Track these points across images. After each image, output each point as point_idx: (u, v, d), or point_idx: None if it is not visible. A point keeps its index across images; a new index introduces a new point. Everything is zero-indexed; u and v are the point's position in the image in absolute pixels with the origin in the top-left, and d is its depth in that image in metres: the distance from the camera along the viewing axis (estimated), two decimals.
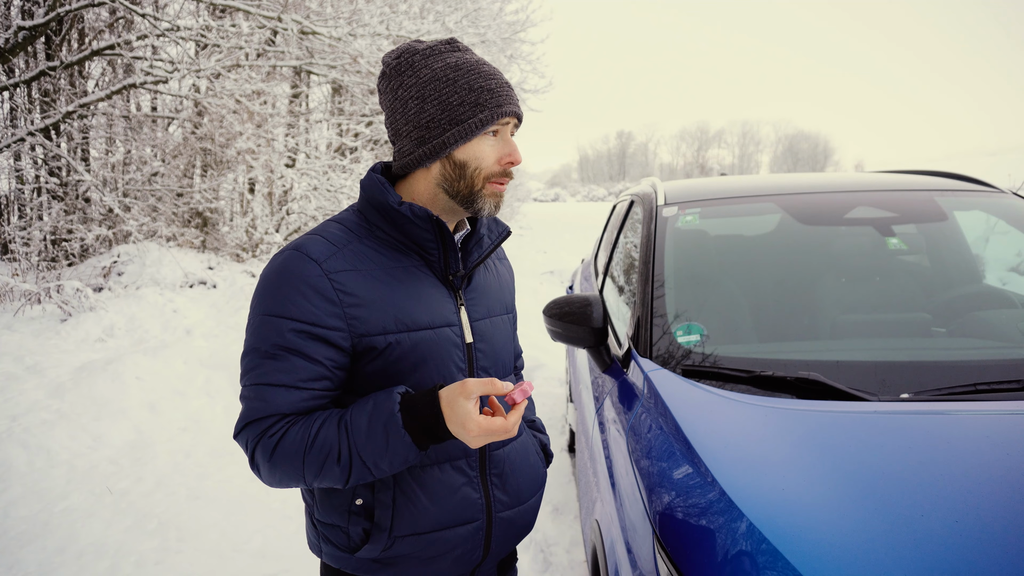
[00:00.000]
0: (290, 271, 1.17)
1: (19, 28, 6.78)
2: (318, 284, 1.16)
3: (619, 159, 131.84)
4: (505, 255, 1.58)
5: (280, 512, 3.46)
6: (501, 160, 1.26)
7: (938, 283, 2.47)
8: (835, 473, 1.35)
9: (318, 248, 1.20)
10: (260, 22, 7.42)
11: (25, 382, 4.74)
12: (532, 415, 1.63)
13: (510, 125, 1.28)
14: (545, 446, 1.58)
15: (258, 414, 1.16)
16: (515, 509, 1.39)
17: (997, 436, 1.43)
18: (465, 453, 1.30)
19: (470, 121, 1.21)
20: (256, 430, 1.16)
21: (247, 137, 8.43)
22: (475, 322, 1.33)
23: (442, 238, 1.25)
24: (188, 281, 7.83)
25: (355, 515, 1.26)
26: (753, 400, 1.66)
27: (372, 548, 1.25)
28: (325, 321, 1.16)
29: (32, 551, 3.06)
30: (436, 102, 1.22)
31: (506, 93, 1.25)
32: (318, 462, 1.13)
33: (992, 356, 1.90)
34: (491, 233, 1.39)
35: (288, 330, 1.15)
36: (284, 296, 1.16)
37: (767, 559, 1.18)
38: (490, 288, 1.41)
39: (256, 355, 1.18)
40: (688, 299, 2.25)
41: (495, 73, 1.26)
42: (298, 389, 1.16)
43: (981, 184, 2.69)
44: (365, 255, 1.23)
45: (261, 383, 1.16)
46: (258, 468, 1.19)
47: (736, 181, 3.02)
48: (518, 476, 1.40)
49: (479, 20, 11.11)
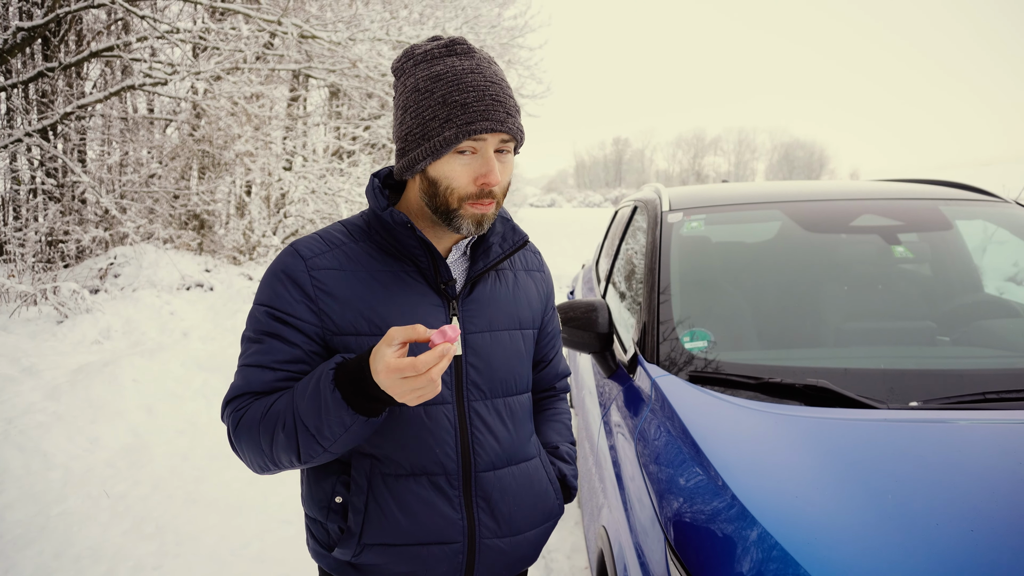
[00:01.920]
0: (280, 264, 1.24)
1: (18, 29, 6.76)
2: (299, 279, 1.21)
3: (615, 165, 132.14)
4: (539, 266, 1.48)
5: (279, 517, 3.43)
6: (476, 180, 1.17)
7: (942, 292, 2.48)
8: (848, 481, 1.34)
9: (310, 246, 1.25)
10: (260, 26, 7.42)
11: (21, 384, 4.71)
12: (560, 442, 1.49)
13: (489, 142, 1.17)
14: (564, 476, 1.45)
15: (237, 392, 1.21)
16: (507, 539, 1.30)
17: (1008, 445, 1.43)
18: (444, 470, 1.24)
19: (437, 139, 1.15)
20: (233, 408, 1.21)
21: (245, 140, 8.41)
22: (470, 334, 1.27)
23: (426, 247, 1.22)
24: (185, 283, 7.80)
25: (333, 512, 1.25)
26: (762, 407, 1.66)
27: (343, 551, 1.24)
28: (299, 312, 1.20)
29: (29, 555, 3.03)
30: (413, 114, 1.18)
31: (484, 108, 1.15)
32: (269, 431, 1.13)
33: (1000, 365, 1.91)
34: (504, 242, 1.32)
35: (269, 316, 1.21)
36: (271, 287, 1.23)
37: (782, 567, 1.17)
38: (498, 300, 1.33)
39: (245, 341, 1.25)
40: (694, 305, 2.25)
41: (479, 85, 1.16)
42: (272, 369, 1.19)
43: (984, 193, 2.70)
44: (356, 257, 1.24)
45: (244, 364, 1.22)
46: (233, 447, 1.22)
47: (740, 188, 3.03)
48: (512, 503, 1.30)
49: (478, 26, 11.14)
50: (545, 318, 1.47)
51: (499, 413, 1.30)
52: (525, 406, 1.38)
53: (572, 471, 1.48)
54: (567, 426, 1.54)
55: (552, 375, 1.54)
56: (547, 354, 1.51)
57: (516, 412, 1.34)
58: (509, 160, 1.24)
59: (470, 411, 1.26)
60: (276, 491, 3.70)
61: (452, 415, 1.25)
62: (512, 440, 1.32)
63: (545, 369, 1.52)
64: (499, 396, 1.31)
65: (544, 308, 1.46)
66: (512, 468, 1.32)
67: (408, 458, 1.23)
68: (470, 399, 1.27)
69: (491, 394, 1.29)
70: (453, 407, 1.25)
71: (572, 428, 1.58)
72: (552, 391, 1.56)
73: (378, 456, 1.23)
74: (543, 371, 1.51)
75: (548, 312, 1.49)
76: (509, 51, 12.96)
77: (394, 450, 1.22)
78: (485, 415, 1.28)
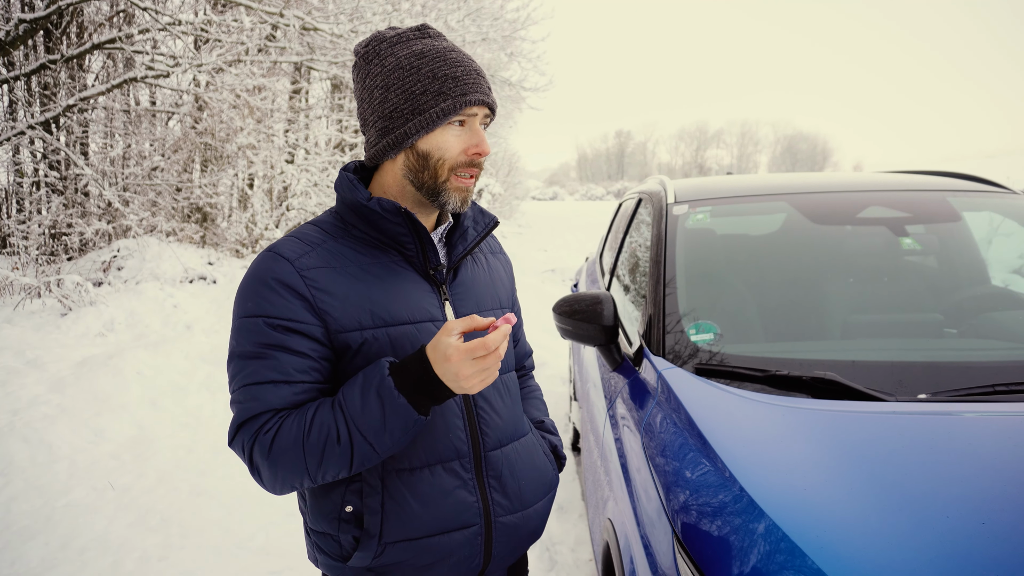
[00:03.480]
0: (264, 271, 1.17)
1: (20, 21, 6.74)
2: (290, 281, 1.16)
3: (618, 158, 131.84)
4: (501, 248, 1.54)
5: (283, 509, 3.44)
6: (468, 150, 1.22)
7: (949, 284, 2.46)
8: (856, 473, 1.34)
9: (290, 248, 1.20)
10: (262, 17, 7.40)
11: (26, 376, 4.72)
12: (542, 416, 1.57)
13: (478, 115, 1.22)
14: (555, 448, 1.52)
15: (250, 413, 1.14)
16: (518, 514, 1.33)
17: (1018, 437, 1.43)
18: (458, 454, 1.26)
19: (432, 111, 1.18)
20: (250, 430, 1.14)
21: (248, 132, 8.40)
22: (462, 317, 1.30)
23: (416, 231, 1.22)
24: (188, 276, 7.80)
25: (345, 522, 1.23)
26: (769, 399, 1.65)
27: (363, 556, 1.22)
28: (301, 316, 1.16)
29: (35, 546, 3.04)
30: (399, 91, 1.19)
31: (472, 81, 1.20)
32: (318, 448, 1.09)
33: (1009, 357, 1.90)
34: (476, 225, 1.35)
35: (268, 327, 1.15)
36: (260, 296, 1.16)
37: (790, 559, 1.17)
38: (479, 282, 1.37)
39: (241, 359, 1.17)
40: (700, 298, 2.24)
41: (463, 60, 1.21)
42: (288, 384, 1.14)
43: (993, 185, 2.69)
44: (341, 254, 1.22)
45: (250, 383, 1.15)
46: (258, 471, 1.15)
47: (745, 180, 3.01)
48: (520, 479, 1.34)
49: (480, 18, 11.10)
50: (513, 298, 1.54)
51: (498, 391, 1.34)
52: (515, 383, 1.44)
53: (559, 441, 1.56)
54: (543, 401, 1.62)
55: (523, 353, 1.61)
56: (517, 332, 1.58)
57: (511, 389, 1.39)
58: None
59: None
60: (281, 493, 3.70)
61: (459, 399, 1.27)
62: (512, 416, 1.37)
63: (516, 347, 1.58)
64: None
65: (511, 288, 1.53)
66: (515, 444, 1.37)
67: (423, 448, 1.23)
68: None
69: None
70: None
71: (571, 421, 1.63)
72: (523, 369, 1.62)
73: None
74: (515, 349, 1.57)
75: (514, 292, 1.56)
76: (512, 43, 12.92)
77: (409, 444, 1.22)
78: (487, 393, 1.31)
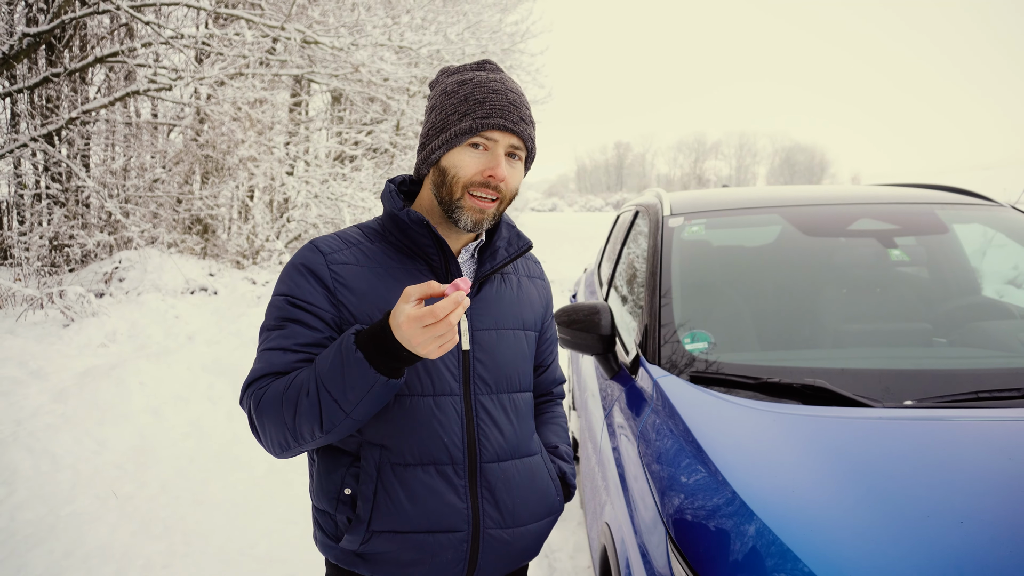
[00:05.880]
0: (300, 259, 1.32)
1: (23, 35, 6.82)
2: (319, 271, 1.29)
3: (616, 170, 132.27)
4: (542, 275, 1.57)
5: (285, 517, 3.48)
6: (483, 172, 1.27)
7: (938, 294, 2.52)
8: (844, 476, 1.39)
9: (328, 243, 1.33)
10: (263, 31, 7.48)
11: (29, 387, 4.75)
12: (559, 442, 1.56)
13: (500, 142, 1.27)
14: (564, 475, 1.52)
15: (257, 375, 1.26)
16: (510, 530, 1.35)
17: (999, 441, 1.48)
18: (452, 459, 1.30)
19: (453, 129, 1.27)
20: (253, 388, 1.25)
21: (248, 145, 8.47)
22: (477, 331, 1.35)
23: (438, 243, 1.30)
24: (189, 287, 7.85)
25: (342, 503, 1.30)
26: (761, 406, 1.70)
27: (352, 539, 1.29)
28: (318, 301, 1.28)
29: (39, 554, 3.07)
30: (438, 112, 1.31)
31: (499, 107, 1.25)
32: (292, 401, 1.18)
33: (993, 365, 1.95)
34: (509, 247, 1.41)
35: (289, 305, 1.28)
36: (291, 279, 1.30)
37: (780, 560, 1.22)
38: (504, 301, 1.41)
39: (265, 330, 1.30)
40: (695, 308, 2.29)
41: (500, 90, 1.27)
42: (294, 351, 1.25)
43: (981, 198, 2.75)
44: (372, 255, 1.33)
45: (265, 349, 1.28)
46: (255, 427, 1.25)
47: (740, 192, 3.07)
48: (515, 496, 1.36)
49: (479, 31, 11.21)
50: (545, 323, 1.56)
51: (503, 408, 1.37)
52: (528, 403, 1.45)
53: (571, 470, 1.55)
54: (565, 429, 1.61)
55: (550, 380, 1.62)
56: (546, 359, 1.59)
57: (519, 408, 1.41)
58: (518, 167, 1.33)
59: (476, 404, 1.33)
60: (282, 492, 3.74)
61: (459, 406, 1.31)
62: (515, 434, 1.39)
63: (544, 374, 1.60)
64: (504, 392, 1.38)
65: (544, 313, 1.55)
66: (516, 462, 1.38)
67: (417, 447, 1.28)
68: (476, 392, 1.33)
69: (496, 389, 1.36)
70: (461, 399, 1.31)
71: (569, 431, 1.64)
72: (550, 395, 1.64)
73: (388, 445, 1.28)
74: (542, 375, 1.59)
75: (548, 319, 1.58)
76: (511, 56, 13.03)
77: (403, 439, 1.28)
78: (490, 408, 1.35)
